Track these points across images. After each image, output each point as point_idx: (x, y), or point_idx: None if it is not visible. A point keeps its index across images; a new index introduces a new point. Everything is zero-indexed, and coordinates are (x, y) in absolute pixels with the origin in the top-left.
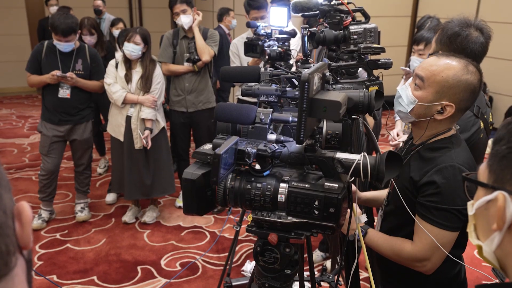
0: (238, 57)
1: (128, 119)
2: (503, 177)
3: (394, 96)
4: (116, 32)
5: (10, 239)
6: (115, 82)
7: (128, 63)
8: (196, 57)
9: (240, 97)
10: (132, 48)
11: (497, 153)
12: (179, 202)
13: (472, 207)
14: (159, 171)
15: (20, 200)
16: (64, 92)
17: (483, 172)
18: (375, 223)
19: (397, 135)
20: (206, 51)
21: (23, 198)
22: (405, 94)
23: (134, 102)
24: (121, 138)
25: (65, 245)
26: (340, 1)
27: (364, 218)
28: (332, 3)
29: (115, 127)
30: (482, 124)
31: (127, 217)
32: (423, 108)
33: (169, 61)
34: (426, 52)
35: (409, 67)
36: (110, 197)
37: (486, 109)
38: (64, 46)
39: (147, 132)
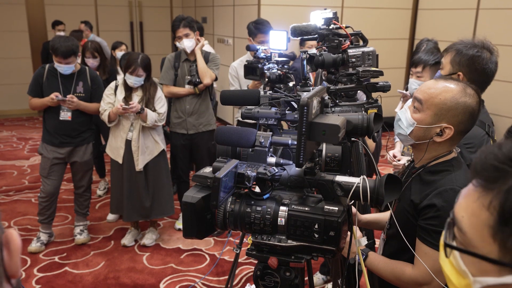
0: (238, 80)
1: (128, 142)
2: None
3: (393, 117)
4: (119, 53)
5: None
6: (110, 107)
7: (129, 90)
8: (197, 80)
9: (240, 119)
10: (135, 81)
11: None
12: (179, 224)
13: (472, 279)
14: (159, 193)
15: (19, 222)
16: (65, 115)
17: (479, 240)
18: (376, 246)
19: (394, 156)
20: (208, 74)
21: (22, 220)
22: (404, 117)
23: (118, 114)
24: (120, 161)
25: (63, 269)
26: (339, 25)
27: (364, 241)
28: (330, 27)
29: (114, 149)
30: (492, 143)
31: (126, 240)
32: (422, 130)
33: (171, 83)
34: (424, 74)
35: (407, 89)
36: (111, 216)
37: (492, 128)
38: (64, 68)
39: (137, 103)
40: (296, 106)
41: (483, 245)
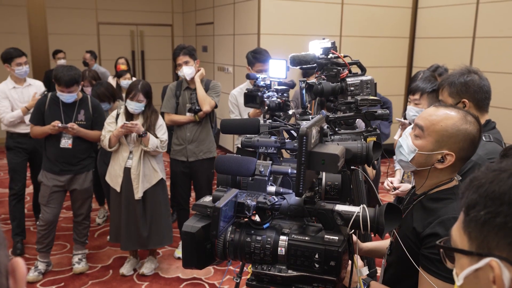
0: (237, 108)
1: (127, 170)
2: (489, 244)
3: (392, 144)
4: (123, 82)
5: None
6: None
7: (130, 117)
8: (197, 108)
9: (239, 146)
10: (135, 106)
11: (475, 219)
12: (178, 253)
13: (457, 277)
14: (156, 222)
15: None
16: (66, 142)
17: (459, 239)
18: (378, 274)
19: (391, 183)
20: (207, 102)
21: None
22: (406, 144)
23: (119, 136)
24: (118, 189)
25: None
26: (337, 55)
27: (365, 270)
28: (329, 56)
29: (113, 177)
30: None
31: (125, 269)
32: (424, 157)
33: (172, 112)
34: (422, 102)
35: (405, 116)
36: None
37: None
38: (66, 97)
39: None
40: (295, 134)
41: (460, 241)
